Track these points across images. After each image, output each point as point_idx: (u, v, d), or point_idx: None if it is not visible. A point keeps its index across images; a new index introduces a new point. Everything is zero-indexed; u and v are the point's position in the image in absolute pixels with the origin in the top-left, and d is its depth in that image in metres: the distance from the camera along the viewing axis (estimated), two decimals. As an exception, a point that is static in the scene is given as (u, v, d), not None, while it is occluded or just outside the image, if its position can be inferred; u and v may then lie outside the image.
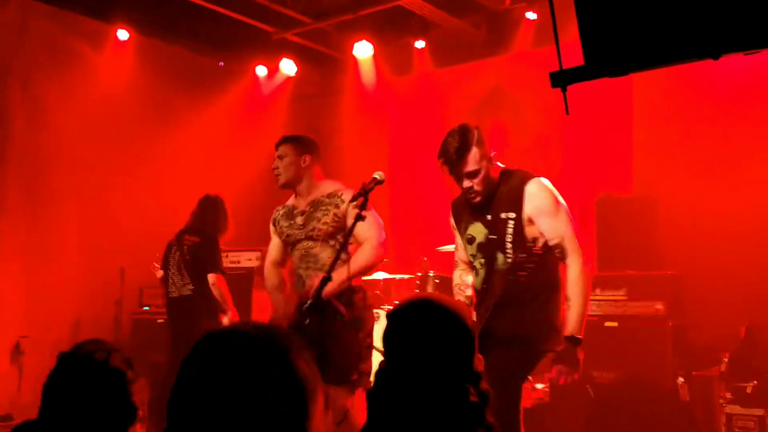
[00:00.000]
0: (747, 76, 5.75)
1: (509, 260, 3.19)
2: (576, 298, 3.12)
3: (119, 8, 7.07)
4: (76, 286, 6.93)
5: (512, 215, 3.20)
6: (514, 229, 3.20)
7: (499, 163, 3.41)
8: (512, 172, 3.36)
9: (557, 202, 3.22)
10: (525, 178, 3.27)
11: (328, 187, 3.95)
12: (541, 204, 3.19)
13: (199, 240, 5.46)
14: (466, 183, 3.29)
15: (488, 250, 3.31)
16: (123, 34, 7.27)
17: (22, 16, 6.89)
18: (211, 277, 5.33)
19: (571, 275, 3.14)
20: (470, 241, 3.41)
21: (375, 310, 5.93)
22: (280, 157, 4.12)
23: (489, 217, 3.30)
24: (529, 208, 3.19)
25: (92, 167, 7.19)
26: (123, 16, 7.16)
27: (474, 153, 3.29)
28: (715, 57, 1.29)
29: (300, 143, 4.15)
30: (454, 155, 3.26)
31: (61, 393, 1.70)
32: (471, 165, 3.27)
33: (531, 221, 3.20)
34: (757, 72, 5.71)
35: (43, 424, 1.65)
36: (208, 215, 5.60)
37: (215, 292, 5.30)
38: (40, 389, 1.85)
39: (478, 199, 3.32)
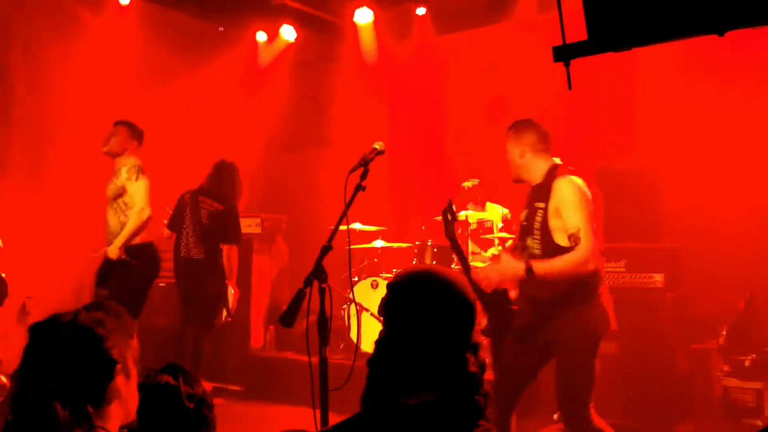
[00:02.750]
0: (751, 49, 5.71)
1: (536, 246, 3.55)
2: (558, 262, 3.42)
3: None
4: (78, 249, 6.96)
5: (542, 205, 3.53)
6: (542, 218, 3.52)
7: (555, 159, 3.70)
8: (556, 168, 3.63)
9: (583, 199, 3.46)
10: (559, 174, 3.56)
11: (127, 159, 5.38)
12: (566, 197, 3.46)
13: (224, 209, 5.50)
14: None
15: (523, 234, 3.67)
16: (122, -1, 7.20)
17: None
18: (227, 248, 5.40)
19: (568, 255, 3.40)
20: (520, 224, 3.77)
21: (373, 278, 6.01)
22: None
23: (528, 205, 3.69)
24: (555, 200, 3.48)
25: (93, 130, 7.16)
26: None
27: (511, 140, 3.77)
28: (720, 33, 1.28)
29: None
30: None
31: (34, 359, 1.73)
32: (508, 149, 3.77)
33: (557, 213, 3.47)
34: (761, 45, 5.67)
35: (18, 393, 1.69)
36: (228, 182, 5.62)
37: (227, 261, 5.37)
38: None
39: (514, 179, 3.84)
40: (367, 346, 4.80)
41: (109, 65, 7.26)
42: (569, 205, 3.44)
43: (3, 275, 5.78)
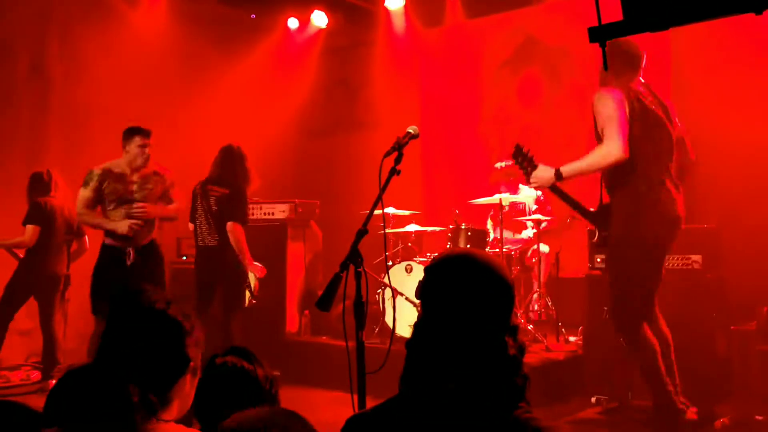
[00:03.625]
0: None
1: None
2: (582, 160, 3.88)
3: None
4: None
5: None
6: (595, 121, 3.94)
7: None
8: None
9: (605, 105, 3.82)
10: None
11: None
12: (595, 107, 3.89)
13: (229, 192, 5.52)
14: None
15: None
16: (155, -13, 7.29)
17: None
18: (229, 225, 5.40)
19: (592, 151, 3.85)
20: None
21: (407, 263, 6.03)
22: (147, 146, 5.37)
23: None
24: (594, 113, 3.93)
25: (128, 119, 7.26)
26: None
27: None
28: (758, 11, 1.26)
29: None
30: None
31: (119, 339, 1.75)
32: None
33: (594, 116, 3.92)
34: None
35: (96, 368, 1.71)
36: (236, 166, 5.64)
37: (231, 238, 5.38)
38: (84, 335, 1.95)
39: None
40: (402, 330, 4.82)
41: (144, 54, 7.35)
42: (596, 112, 3.87)
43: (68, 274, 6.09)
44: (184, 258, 7.21)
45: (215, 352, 2.18)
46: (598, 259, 4.83)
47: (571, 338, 5.86)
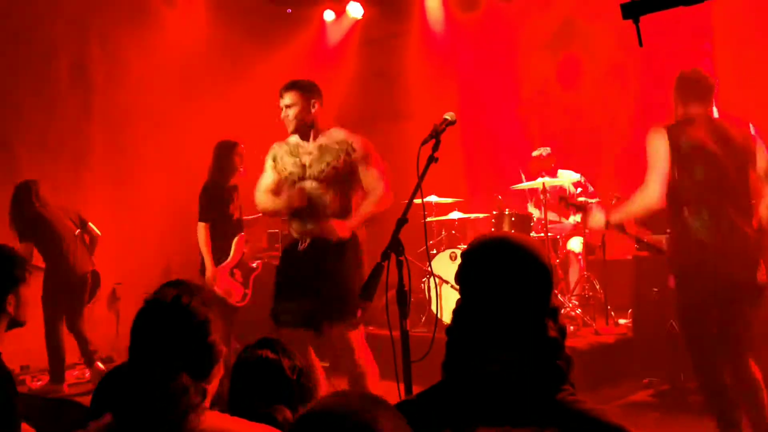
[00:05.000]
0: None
1: None
2: (627, 205, 3.81)
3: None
4: (162, 234, 7.23)
5: None
6: None
7: None
8: None
9: (652, 147, 3.69)
10: None
11: (336, 134, 4.14)
12: (647, 143, 3.75)
13: (201, 189, 5.59)
14: None
15: None
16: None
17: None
18: (198, 225, 5.45)
19: (638, 196, 3.70)
20: None
21: (451, 250, 6.02)
22: (289, 106, 4.26)
23: None
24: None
25: (170, 118, 7.42)
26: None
27: None
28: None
29: (307, 89, 4.25)
30: None
31: (146, 336, 1.80)
32: None
33: None
34: None
35: (132, 367, 1.76)
36: (212, 162, 5.72)
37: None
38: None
39: None
40: (448, 318, 4.84)
41: (183, 53, 7.46)
42: (647, 153, 3.71)
43: (95, 269, 6.02)
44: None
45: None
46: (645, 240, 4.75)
47: (621, 321, 5.79)
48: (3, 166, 6.32)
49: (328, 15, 8.36)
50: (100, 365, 5.84)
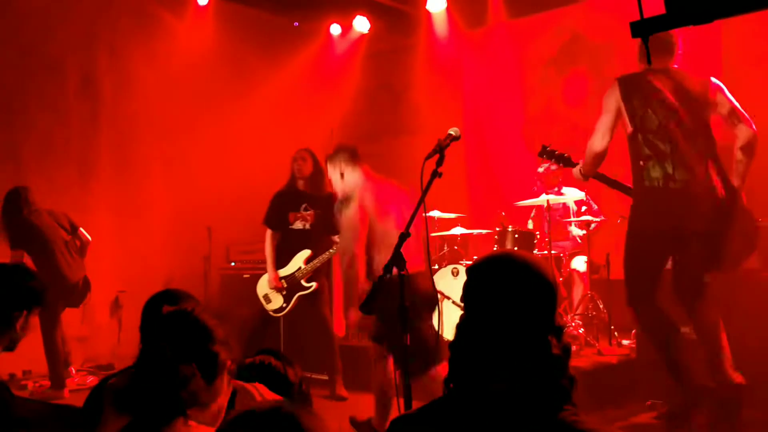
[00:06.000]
0: None
1: None
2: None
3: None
4: (166, 244, 7.26)
5: None
6: None
7: None
8: None
9: (605, 101, 4.18)
10: None
11: None
12: None
13: None
14: None
15: None
16: (202, -2, 7.42)
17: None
18: None
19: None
20: None
21: (453, 266, 6.01)
22: None
23: None
24: None
25: (176, 129, 7.46)
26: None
27: None
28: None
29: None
30: None
31: (152, 344, 1.79)
32: None
33: None
34: None
35: (136, 373, 1.76)
36: None
37: None
38: (138, 340, 2.01)
39: None
40: (450, 333, 4.81)
41: (190, 64, 7.49)
42: None
43: (86, 275, 5.99)
44: (233, 264, 7.32)
45: None
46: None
47: (624, 341, 5.74)
48: (10, 172, 6.34)
49: (335, 29, 8.39)
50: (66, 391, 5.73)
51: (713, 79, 4.02)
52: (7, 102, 6.55)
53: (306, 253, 5.63)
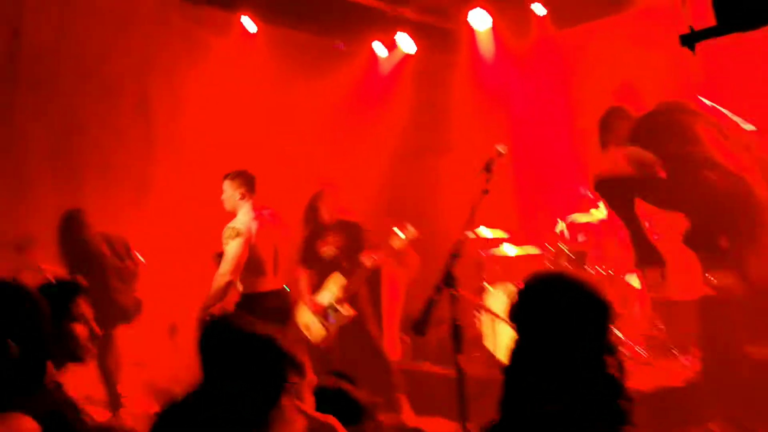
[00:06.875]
0: None
1: None
2: None
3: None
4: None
5: None
6: None
7: None
8: None
9: None
10: None
11: None
12: None
13: None
14: None
15: None
16: (249, 24, 7.56)
17: (161, 12, 7.43)
18: None
19: None
20: None
21: (505, 285, 5.92)
22: None
23: None
24: None
25: (228, 150, 7.59)
26: (246, 6, 7.45)
27: None
28: None
29: None
30: None
31: (214, 363, 1.79)
32: None
33: None
34: None
35: (201, 394, 1.76)
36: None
37: None
38: (196, 366, 2.01)
39: None
40: (503, 354, 4.73)
41: (239, 87, 7.67)
42: None
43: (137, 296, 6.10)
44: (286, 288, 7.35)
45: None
46: (713, 279, 4.57)
47: (685, 362, 5.54)
48: (71, 192, 6.53)
49: (379, 49, 8.44)
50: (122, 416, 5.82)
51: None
52: (68, 124, 6.80)
53: (339, 278, 5.63)
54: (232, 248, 4.91)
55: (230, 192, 5.00)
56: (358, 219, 5.99)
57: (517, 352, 1.59)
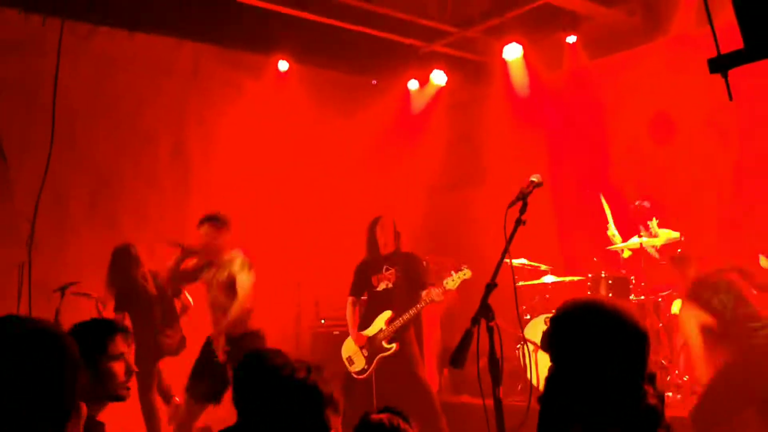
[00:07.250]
0: None
1: None
2: None
3: (278, 41, 7.43)
4: (258, 301, 7.38)
5: None
6: None
7: None
8: None
9: None
10: None
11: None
12: None
13: None
14: None
15: None
16: (283, 65, 7.67)
17: (194, 61, 7.58)
18: None
19: None
20: None
21: (546, 316, 5.86)
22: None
23: None
24: None
25: (262, 190, 7.70)
26: (282, 48, 7.54)
27: None
28: None
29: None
30: None
31: (251, 402, 1.79)
32: None
33: None
34: None
35: None
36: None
37: None
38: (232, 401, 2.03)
39: None
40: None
41: (274, 127, 7.82)
42: None
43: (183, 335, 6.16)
44: (323, 321, 7.38)
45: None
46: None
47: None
48: (110, 239, 6.64)
49: (412, 84, 8.52)
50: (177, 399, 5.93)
51: None
52: (105, 173, 6.95)
53: (387, 314, 5.57)
54: (250, 278, 5.39)
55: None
56: (416, 251, 5.95)
57: (551, 380, 1.58)
